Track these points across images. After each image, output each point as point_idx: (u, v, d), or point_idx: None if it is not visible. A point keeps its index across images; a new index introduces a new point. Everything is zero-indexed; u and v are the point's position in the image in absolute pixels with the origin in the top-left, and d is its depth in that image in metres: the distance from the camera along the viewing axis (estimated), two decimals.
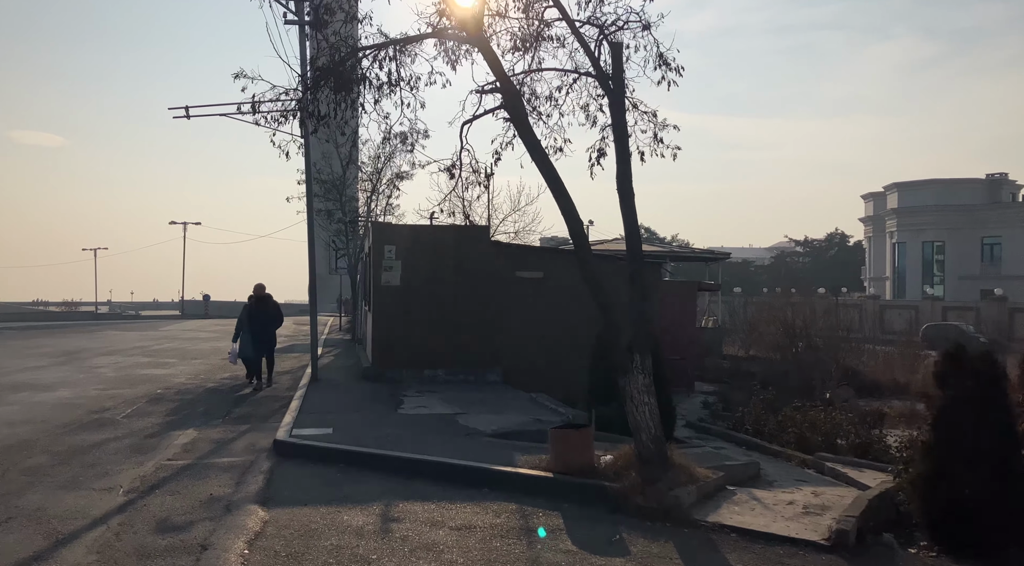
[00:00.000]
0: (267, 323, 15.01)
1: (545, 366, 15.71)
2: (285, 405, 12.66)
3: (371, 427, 10.29)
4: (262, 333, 14.89)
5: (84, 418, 11.39)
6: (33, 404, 12.62)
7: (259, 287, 15.15)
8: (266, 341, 15.05)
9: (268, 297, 15.22)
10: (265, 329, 14.95)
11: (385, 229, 15.80)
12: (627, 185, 7.82)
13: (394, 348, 15.79)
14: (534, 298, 16.07)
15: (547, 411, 11.93)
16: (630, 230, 7.87)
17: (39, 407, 12.31)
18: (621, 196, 7.82)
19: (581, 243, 7.78)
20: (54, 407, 12.33)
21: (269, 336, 15.11)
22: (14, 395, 13.52)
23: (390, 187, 28.90)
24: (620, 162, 7.80)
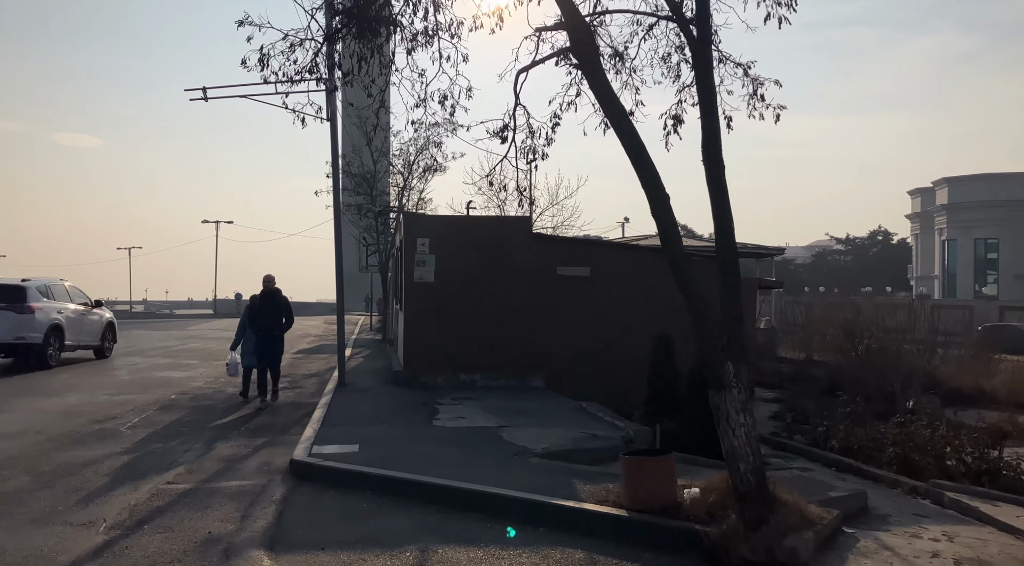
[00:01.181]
0: (273, 324, 12.51)
1: (592, 372, 14.25)
2: (308, 414, 11.39)
3: (403, 443, 8.93)
4: (267, 337, 12.41)
5: (84, 429, 10.21)
6: (35, 411, 11.49)
7: (268, 279, 12.66)
8: (272, 347, 12.49)
9: (277, 292, 12.69)
10: (270, 331, 12.45)
11: (418, 220, 14.47)
12: (716, 153, 6.34)
13: (427, 350, 14.45)
14: (580, 296, 14.62)
15: (602, 424, 10.47)
16: (720, 211, 6.38)
17: (39, 415, 11.17)
18: (708, 168, 6.34)
19: (668, 228, 6.25)
20: (56, 415, 11.18)
21: (275, 341, 12.56)
22: (18, 400, 12.43)
23: (422, 180, 27.69)
24: (706, 125, 6.32)
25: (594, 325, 14.55)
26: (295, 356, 21.84)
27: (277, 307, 12.60)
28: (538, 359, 14.40)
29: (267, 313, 12.52)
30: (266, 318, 12.48)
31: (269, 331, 12.45)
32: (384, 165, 28.18)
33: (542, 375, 14.33)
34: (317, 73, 6.27)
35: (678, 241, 6.34)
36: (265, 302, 12.60)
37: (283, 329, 12.71)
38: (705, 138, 6.34)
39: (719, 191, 6.37)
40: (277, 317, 12.59)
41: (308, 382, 15.80)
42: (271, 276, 12.74)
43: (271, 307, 12.56)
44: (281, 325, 12.65)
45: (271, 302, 12.58)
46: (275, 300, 12.61)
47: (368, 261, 31.89)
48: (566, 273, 14.60)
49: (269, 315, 12.51)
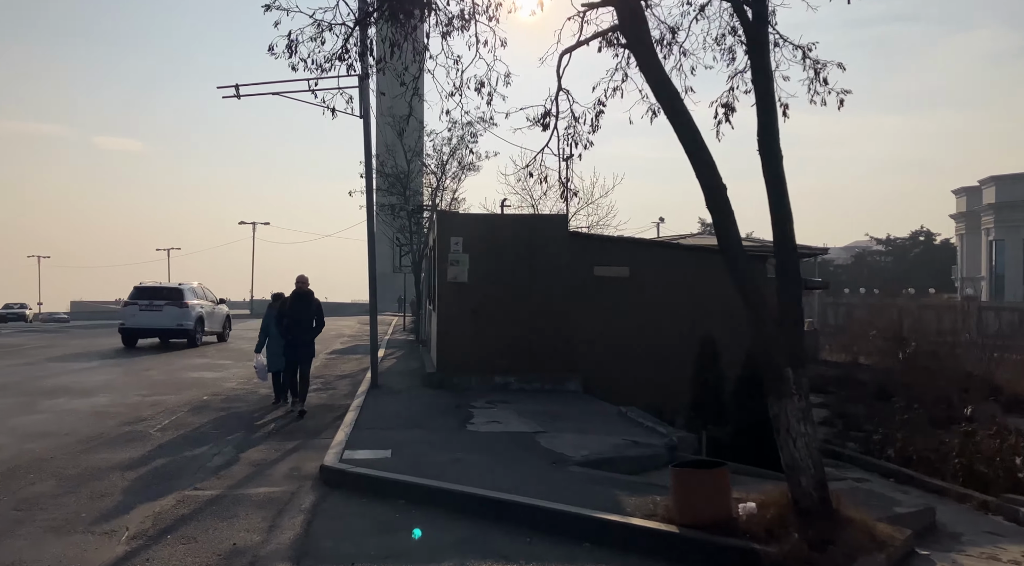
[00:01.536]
0: (303, 328, 11.62)
1: (631, 376, 13.78)
2: (340, 416, 11.12)
3: (436, 449, 8.58)
4: (296, 341, 11.55)
5: (113, 431, 10.04)
6: (64, 412, 11.38)
7: (301, 280, 11.78)
8: (302, 352, 11.63)
9: (310, 294, 11.81)
10: (300, 336, 11.58)
11: (451, 219, 14.14)
12: (773, 142, 5.88)
13: (461, 352, 14.11)
14: (618, 297, 14.15)
15: (643, 431, 10.02)
16: (778, 204, 5.90)
17: (69, 416, 11.05)
18: (765, 157, 5.88)
19: (724, 221, 5.77)
20: (85, 416, 11.05)
21: (305, 346, 11.66)
22: (48, 401, 12.35)
23: (456, 180, 27.42)
24: (762, 112, 5.87)
25: (633, 327, 14.09)
26: (328, 356, 21.68)
27: (308, 310, 11.71)
28: (574, 362, 13.97)
29: (298, 316, 11.62)
30: (296, 321, 11.59)
31: (299, 335, 11.58)
32: (417, 165, 27.96)
33: (579, 378, 13.90)
34: (348, 59, 5.93)
35: (736, 236, 5.87)
36: (297, 304, 11.68)
37: (314, 334, 11.83)
38: (761, 126, 5.89)
39: (777, 182, 5.90)
40: (308, 321, 11.70)
41: (341, 383, 15.57)
42: (304, 277, 11.87)
43: (302, 310, 11.66)
44: (311, 329, 11.77)
45: (303, 304, 11.68)
46: (307, 303, 11.72)
47: (401, 262, 31.70)
48: (604, 273, 14.16)
49: (300, 318, 11.62)
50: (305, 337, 11.67)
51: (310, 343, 11.80)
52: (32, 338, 27.30)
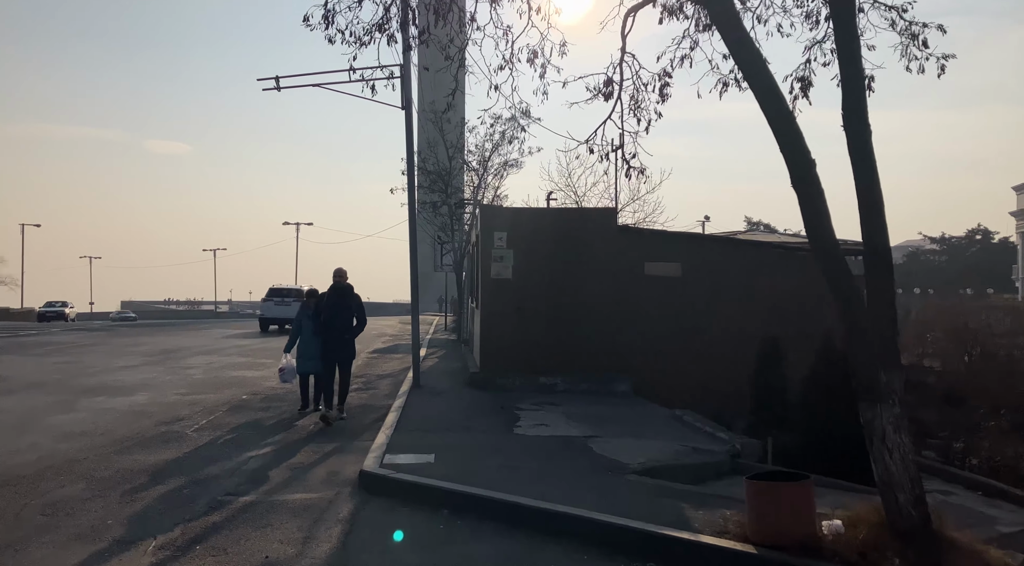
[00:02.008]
0: (343, 326, 10.59)
1: (685, 377, 13.11)
2: (381, 418, 10.70)
3: (482, 453, 8.08)
4: (336, 341, 10.55)
5: (150, 431, 9.74)
6: (102, 411, 11.15)
7: (339, 273, 10.78)
8: (341, 354, 10.67)
9: (349, 288, 10.76)
10: (339, 334, 10.57)
11: (495, 213, 13.64)
12: (860, 113, 5.22)
13: (505, 351, 13.61)
14: (670, 293, 13.51)
15: (702, 436, 9.38)
16: (867, 185, 5.23)
17: (107, 415, 10.81)
18: (851, 131, 5.23)
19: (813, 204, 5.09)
20: (123, 415, 10.80)
21: (345, 346, 10.65)
22: (87, 400, 12.16)
23: (498, 178, 26.94)
24: (849, 80, 5.21)
25: (686, 325, 13.42)
26: (370, 355, 21.38)
27: (348, 307, 10.65)
28: (624, 362, 13.36)
29: (337, 313, 10.60)
30: (335, 319, 10.57)
31: (338, 334, 10.56)
32: (459, 161, 27.55)
33: (629, 379, 13.28)
34: (388, 29, 5.45)
35: (827, 216, 5.20)
36: (335, 300, 10.63)
37: (355, 332, 10.74)
38: (846, 96, 5.24)
39: (865, 159, 5.25)
40: (348, 318, 10.66)
41: (382, 383, 15.17)
42: (343, 270, 10.85)
43: (341, 306, 10.63)
44: (352, 328, 10.67)
45: (342, 300, 10.62)
46: (347, 298, 10.65)
47: (442, 260, 31.35)
48: (655, 271, 13.51)
49: (339, 316, 10.60)
50: (345, 336, 10.66)
51: (351, 343, 10.77)
52: (80, 337, 27.58)
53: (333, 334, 10.57)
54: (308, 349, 10.97)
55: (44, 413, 10.86)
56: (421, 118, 24.27)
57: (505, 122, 26.05)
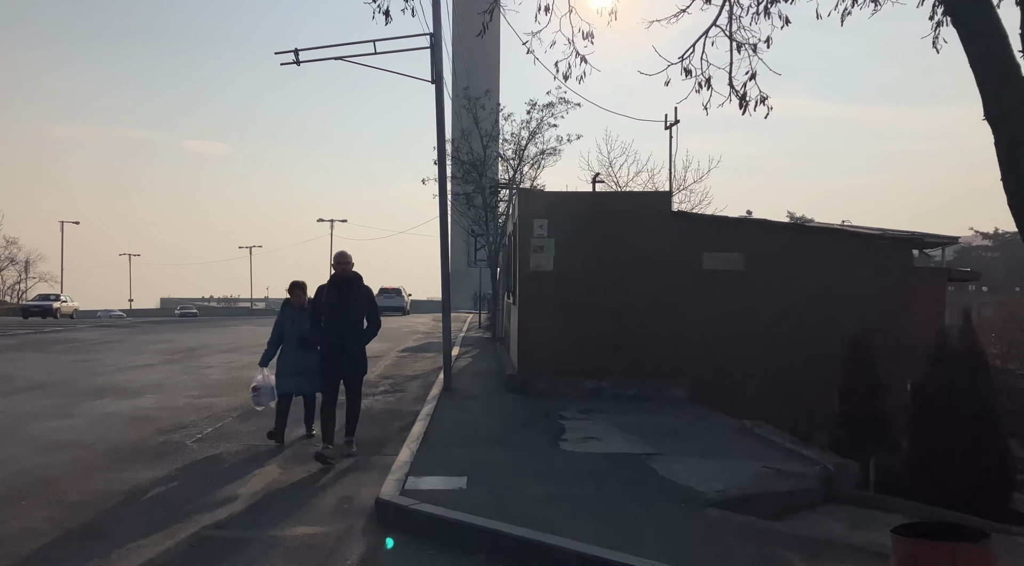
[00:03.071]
0: (353, 330, 7.88)
1: (750, 381, 11.64)
2: (407, 426, 9.46)
3: (524, 476, 6.76)
4: (344, 350, 7.80)
5: (147, 441, 8.61)
6: (102, 416, 10.08)
7: (342, 258, 7.91)
8: (353, 366, 7.93)
9: (356, 279, 7.95)
10: (350, 342, 7.84)
11: (535, 198, 12.31)
12: None
13: (545, 351, 12.26)
14: (733, 287, 12.04)
15: (782, 454, 7.95)
16: None
17: (105, 421, 9.73)
18: None
19: None
20: (122, 422, 9.71)
21: (354, 357, 7.91)
22: (90, 403, 11.11)
23: (535, 168, 25.60)
24: None
25: (750, 324, 11.95)
26: (399, 354, 20.20)
27: (355, 304, 7.86)
28: (680, 364, 11.93)
29: (340, 314, 7.76)
30: (339, 322, 7.73)
31: (345, 340, 7.78)
32: (494, 151, 26.26)
33: (685, 384, 11.85)
34: None
35: None
36: (338, 295, 7.80)
37: (366, 337, 8.01)
38: None
39: None
40: (356, 318, 7.91)
41: (411, 385, 13.94)
42: (346, 254, 7.91)
43: (347, 304, 7.80)
44: (362, 331, 7.97)
45: (347, 295, 7.82)
46: (353, 292, 7.87)
47: (476, 255, 30.09)
48: (715, 264, 12.04)
49: (344, 317, 7.77)
50: (353, 343, 7.85)
51: (361, 353, 7.99)
52: (106, 333, 26.89)
53: (337, 343, 7.76)
54: (291, 362, 8.57)
55: (37, 419, 9.81)
56: (455, 106, 23.05)
57: (542, 109, 24.75)
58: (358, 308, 7.94)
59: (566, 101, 24.18)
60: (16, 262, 68.65)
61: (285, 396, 8.64)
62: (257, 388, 8.71)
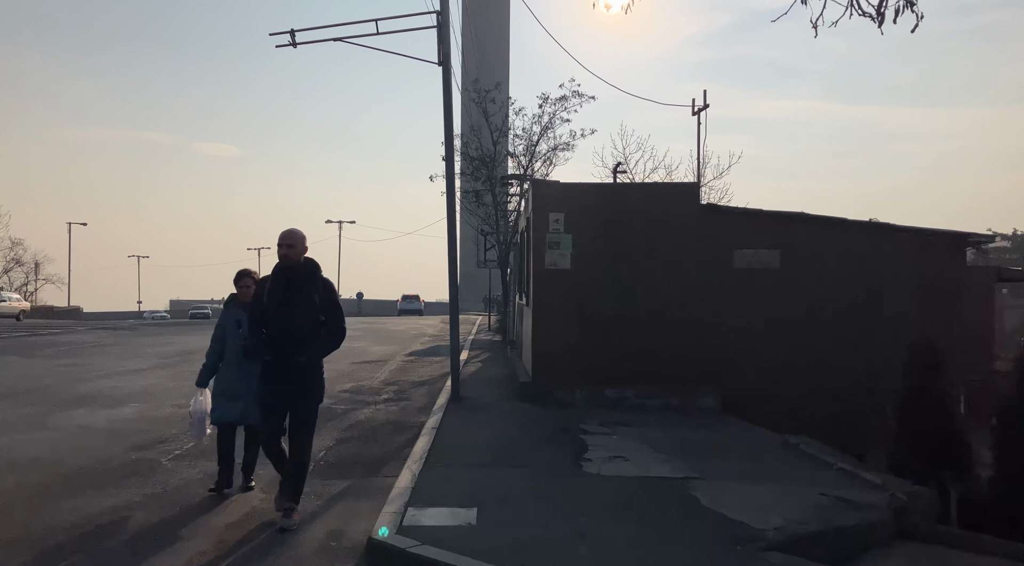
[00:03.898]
0: (302, 337, 5.56)
1: (788, 390, 10.62)
2: (410, 441, 8.49)
3: (544, 507, 5.75)
4: (288, 367, 5.55)
5: (118, 458, 7.65)
6: (74, 429, 9.14)
7: (287, 237, 5.63)
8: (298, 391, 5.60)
9: (310, 270, 5.70)
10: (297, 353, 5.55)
11: (551, 190, 11.32)
12: None
13: (562, 357, 11.27)
14: (768, 287, 11.01)
15: (838, 477, 6.91)
16: None
17: (77, 435, 8.79)
18: None
19: None
20: (96, 435, 8.77)
21: (308, 373, 5.64)
22: (65, 413, 10.17)
23: (547, 164, 24.62)
24: None
25: (788, 327, 10.91)
26: (406, 358, 19.24)
27: (309, 302, 5.57)
28: (709, 371, 10.90)
29: (287, 314, 5.53)
30: (285, 325, 5.53)
31: (291, 350, 5.53)
32: (504, 146, 25.28)
33: (716, 393, 10.82)
34: None
35: None
36: (284, 290, 5.56)
37: (322, 350, 5.69)
38: None
39: None
40: (307, 323, 5.57)
41: (416, 393, 12.97)
42: (293, 233, 5.64)
43: (297, 301, 5.55)
44: (317, 341, 5.64)
45: (296, 290, 5.56)
46: (305, 286, 5.59)
47: (486, 256, 29.09)
48: (748, 261, 11.02)
49: (292, 318, 5.53)
50: (302, 356, 5.54)
51: (314, 372, 5.67)
52: (102, 336, 26.04)
53: (281, 354, 5.52)
54: (233, 380, 6.33)
55: (1, 432, 8.87)
56: (463, 99, 22.11)
57: (555, 102, 23.78)
58: (311, 309, 5.54)
59: (580, 94, 23.26)
60: (22, 263, 68.06)
61: (226, 427, 6.36)
62: (192, 414, 6.43)
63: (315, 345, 5.66)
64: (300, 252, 5.67)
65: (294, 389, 5.59)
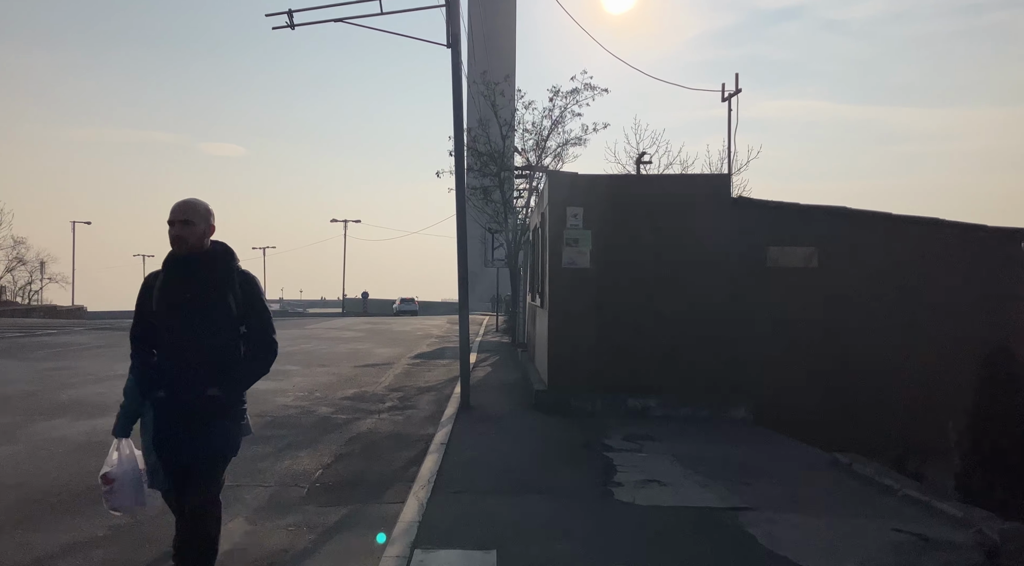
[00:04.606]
0: (207, 364, 3.64)
1: (828, 400, 9.74)
2: (416, 459, 7.66)
3: (575, 551, 4.89)
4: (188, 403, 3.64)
5: (84, 480, 6.80)
6: (45, 443, 8.31)
7: (183, 209, 3.74)
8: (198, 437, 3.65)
9: (222, 262, 3.83)
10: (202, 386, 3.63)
11: (568, 182, 10.46)
12: None
13: (581, 364, 10.42)
14: (805, 288, 10.14)
15: (910, 507, 6.02)
16: None
17: (49, 449, 7.97)
18: None
19: None
20: (69, 451, 7.94)
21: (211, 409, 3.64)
22: (40, 424, 9.35)
23: (556, 160, 23.75)
24: None
25: (826, 330, 10.03)
26: (411, 361, 18.44)
27: (221, 304, 3.72)
28: (740, 379, 10.03)
29: (190, 323, 3.66)
30: (183, 342, 3.66)
31: (195, 382, 3.65)
32: (512, 142, 24.41)
33: (747, 403, 9.94)
34: None
35: None
36: (184, 289, 3.70)
37: (244, 376, 3.78)
38: None
39: None
40: (215, 339, 3.69)
41: (422, 400, 12.13)
42: (189, 205, 3.79)
43: (204, 303, 3.69)
44: (238, 362, 3.76)
45: (203, 288, 3.71)
46: (214, 282, 3.74)
47: (494, 254, 28.21)
48: (783, 260, 10.14)
49: (196, 328, 3.66)
50: (208, 390, 3.66)
51: (232, 409, 3.76)
52: (97, 337, 25.28)
53: (180, 388, 3.67)
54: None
55: None
56: (471, 91, 21.27)
57: (566, 95, 22.92)
58: (225, 318, 3.69)
59: (592, 86, 22.38)
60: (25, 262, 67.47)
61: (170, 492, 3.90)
62: (111, 479, 3.91)
63: (232, 373, 3.63)
64: (203, 232, 3.71)
65: (199, 441, 3.61)
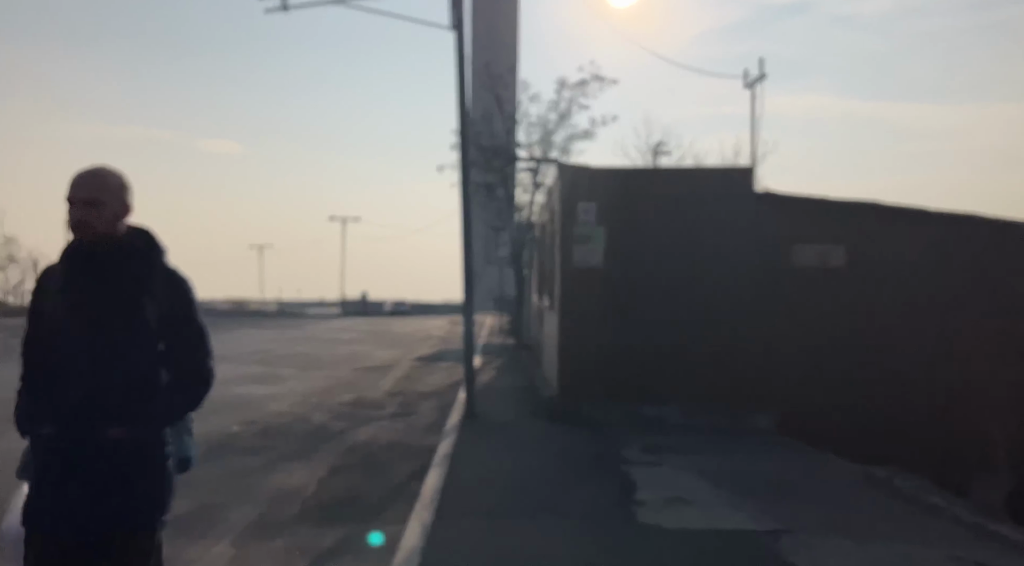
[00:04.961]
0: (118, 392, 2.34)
1: (857, 410, 9.15)
2: (418, 473, 7.08)
3: None
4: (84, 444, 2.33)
5: None
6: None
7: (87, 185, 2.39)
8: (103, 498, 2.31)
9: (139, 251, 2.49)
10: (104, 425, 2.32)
11: (580, 176, 9.87)
12: None
13: (593, 369, 9.83)
14: (833, 289, 9.55)
15: (958, 527, 5.45)
16: None
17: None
18: None
19: None
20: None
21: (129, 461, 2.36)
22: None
23: (563, 155, 23.14)
24: None
25: (855, 334, 9.44)
26: (412, 364, 17.88)
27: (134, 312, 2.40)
28: (763, 387, 9.44)
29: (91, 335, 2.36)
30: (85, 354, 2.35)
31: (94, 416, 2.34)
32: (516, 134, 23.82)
33: (772, 412, 9.35)
34: None
35: None
36: (84, 291, 2.41)
37: (165, 410, 2.47)
38: None
39: None
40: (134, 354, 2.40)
41: (424, 406, 11.56)
42: (101, 175, 2.45)
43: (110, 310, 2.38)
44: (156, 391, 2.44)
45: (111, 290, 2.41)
46: (125, 282, 2.43)
47: (497, 252, 27.62)
48: (808, 259, 9.55)
49: (97, 343, 2.36)
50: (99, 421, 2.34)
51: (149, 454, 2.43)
52: None
53: (75, 424, 2.35)
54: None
55: None
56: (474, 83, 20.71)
57: (572, 87, 22.35)
58: (139, 330, 2.43)
59: (600, 78, 21.81)
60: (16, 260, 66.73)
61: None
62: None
63: (146, 406, 2.42)
64: (115, 215, 2.47)
65: (100, 509, 2.35)
